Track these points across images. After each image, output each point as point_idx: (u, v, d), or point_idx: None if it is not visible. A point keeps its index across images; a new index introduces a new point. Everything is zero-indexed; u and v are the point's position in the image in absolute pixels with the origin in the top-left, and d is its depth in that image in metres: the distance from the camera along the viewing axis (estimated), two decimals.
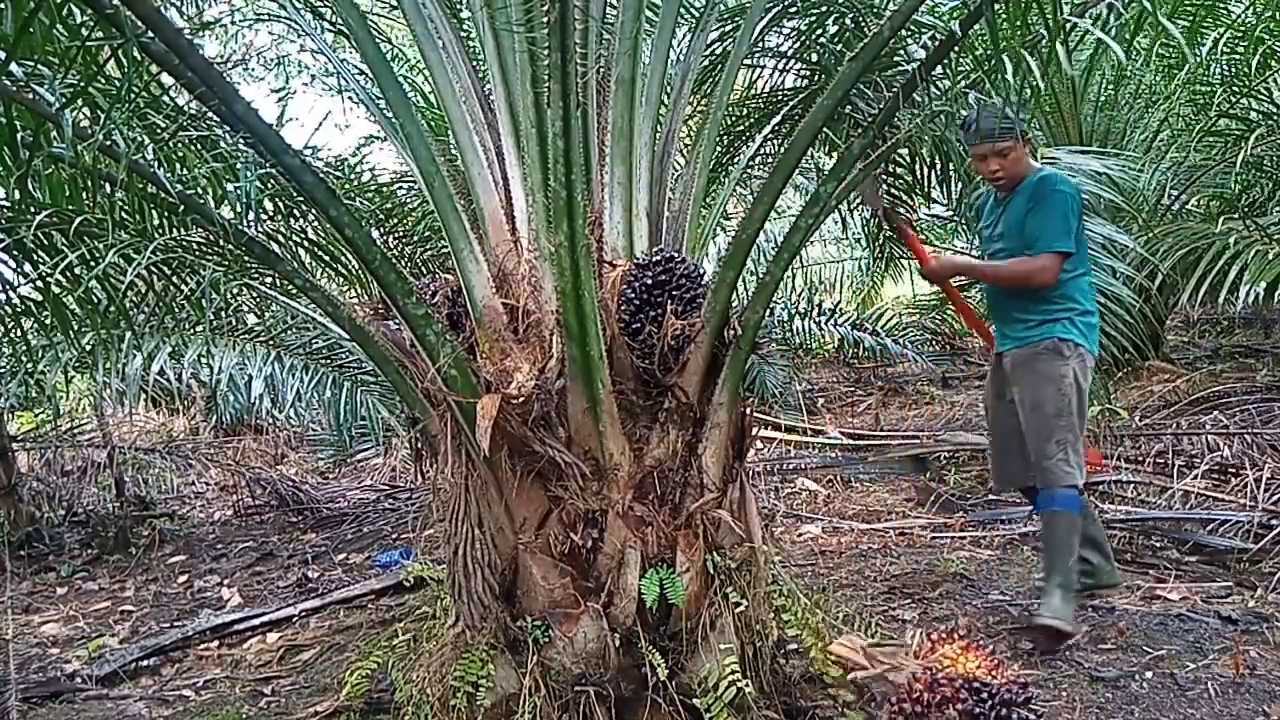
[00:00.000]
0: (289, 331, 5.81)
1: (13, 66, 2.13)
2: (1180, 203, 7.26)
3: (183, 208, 2.56)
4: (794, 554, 4.42)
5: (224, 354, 5.60)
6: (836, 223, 7.99)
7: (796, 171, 3.19)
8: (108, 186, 2.71)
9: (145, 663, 3.82)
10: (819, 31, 4.01)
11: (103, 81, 2.51)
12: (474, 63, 3.07)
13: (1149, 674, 2.81)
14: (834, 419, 7.87)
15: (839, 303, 10.35)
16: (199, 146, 2.68)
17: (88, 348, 4.32)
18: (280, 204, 3.62)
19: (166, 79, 2.53)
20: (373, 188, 5.19)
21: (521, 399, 2.41)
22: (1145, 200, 6.92)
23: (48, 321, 3.08)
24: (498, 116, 2.78)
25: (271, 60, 8.55)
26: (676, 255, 2.59)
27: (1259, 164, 6.40)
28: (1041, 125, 7.36)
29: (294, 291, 2.99)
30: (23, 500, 6.28)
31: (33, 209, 2.54)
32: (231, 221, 2.57)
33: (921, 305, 11.11)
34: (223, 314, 5.24)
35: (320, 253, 3.77)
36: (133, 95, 2.24)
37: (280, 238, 3.60)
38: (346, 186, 4.82)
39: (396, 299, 2.43)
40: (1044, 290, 3.12)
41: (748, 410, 2.75)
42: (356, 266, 3.59)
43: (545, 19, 2.09)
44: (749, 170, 4.68)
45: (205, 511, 7.30)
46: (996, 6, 2.34)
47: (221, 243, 2.76)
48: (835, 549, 4.45)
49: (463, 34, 3.32)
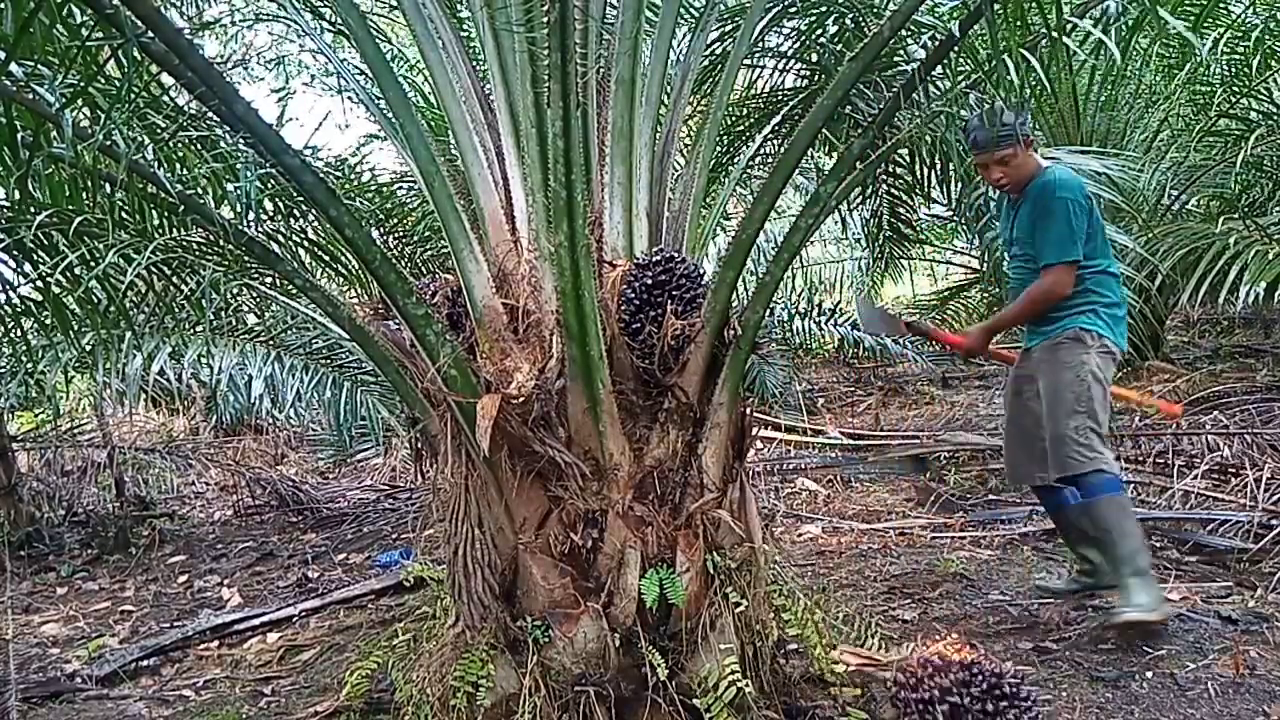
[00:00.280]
0: (289, 331, 5.81)
1: (13, 66, 2.14)
2: (1180, 203, 7.26)
3: (183, 208, 2.56)
4: (794, 554, 4.42)
5: (224, 354, 5.60)
6: (836, 223, 8.01)
7: (796, 171, 3.19)
8: (108, 186, 2.72)
9: (145, 663, 3.82)
10: (819, 31, 4.02)
11: (103, 81, 2.51)
12: (474, 63, 3.07)
13: (1149, 674, 2.81)
14: (834, 419, 7.87)
15: (839, 303, 10.35)
16: (199, 146, 2.68)
17: (88, 348, 4.32)
18: (280, 204, 3.62)
19: (166, 79, 2.53)
20: (373, 188, 5.19)
21: (521, 399, 2.41)
22: (1145, 200, 6.92)
23: (48, 321, 3.09)
24: (498, 116, 2.78)
25: (271, 60, 8.54)
26: (676, 255, 2.58)
27: (1259, 164, 6.41)
28: (1041, 125, 7.35)
29: (294, 291, 2.99)
30: (23, 500, 6.28)
31: (33, 209, 2.54)
32: (231, 221, 2.57)
33: (921, 305, 11.11)
34: (223, 314, 5.24)
35: (320, 253, 3.77)
36: (133, 95, 2.24)
37: (280, 238, 3.60)
38: (346, 186, 4.83)
39: (396, 299, 2.43)
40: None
41: (748, 410, 2.75)
42: (356, 266, 3.59)
43: (545, 19, 2.09)
44: (749, 170, 4.68)
45: (205, 511, 7.30)
46: (996, 7, 2.34)
47: (221, 243, 2.76)
48: (835, 549, 4.45)
49: (463, 34, 3.32)
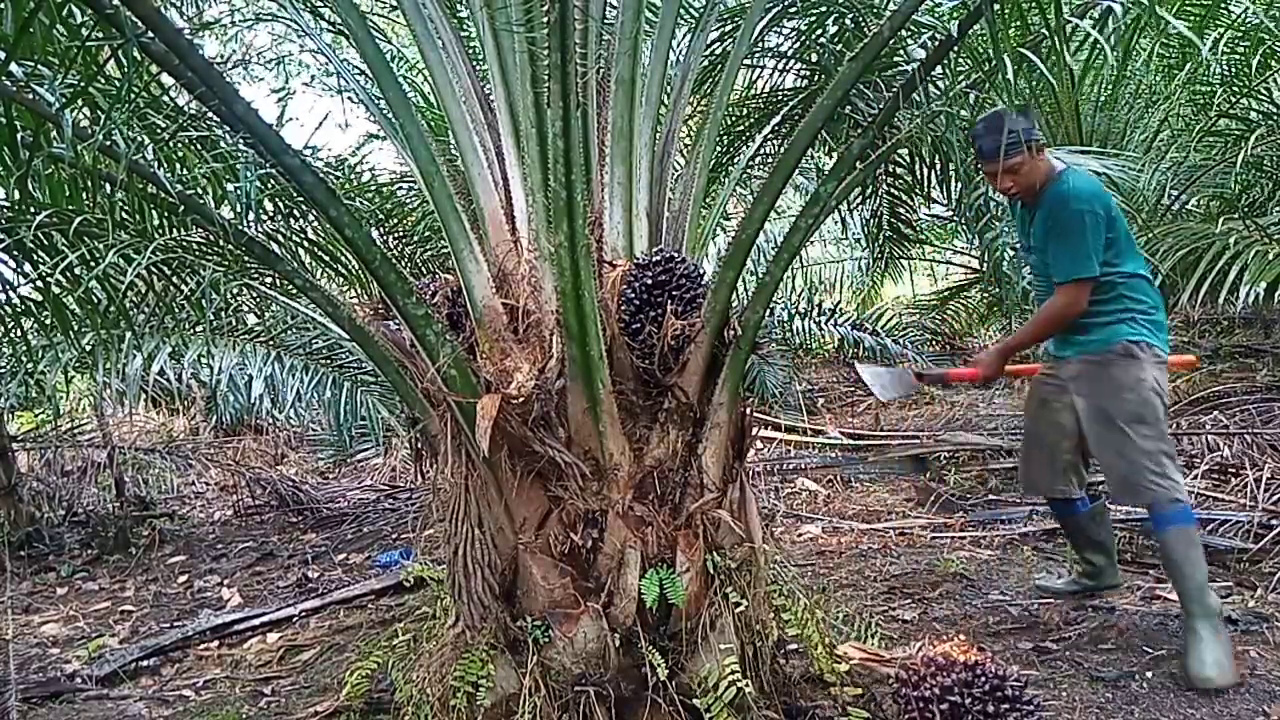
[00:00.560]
0: (289, 331, 5.81)
1: (13, 66, 2.14)
2: (1180, 203, 7.25)
3: (183, 208, 2.56)
4: (794, 554, 4.41)
5: (224, 354, 5.60)
6: (836, 223, 8.01)
7: (796, 171, 3.19)
8: (108, 186, 2.72)
9: (145, 663, 3.82)
10: (819, 31, 4.02)
11: (103, 81, 2.52)
12: (474, 63, 3.07)
13: (1149, 674, 2.81)
14: (834, 419, 7.87)
15: (839, 303, 10.34)
16: (199, 146, 2.68)
17: (88, 348, 4.32)
18: (280, 204, 3.62)
19: (166, 79, 2.53)
20: (373, 188, 5.19)
21: (521, 399, 2.41)
22: (1145, 200, 6.91)
23: (48, 321, 3.09)
24: (498, 116, 2.78)
25: (271, 60, 8.54)
26: (676, 255, 2.58)
27: (1259, 164, 6.39)
28: (1041, 125, 7.35)
29: (294, 291, 2.99)
30: (23, 500, 6.28)
31: (33, 209, 2.54)
32: (231, 221, 2.57)
33: (921, 305, 11.11)
34: (223, 314, 5.24)
35: (320, 253, 3.77)
36: (133, 95, 2.24)
37: (280, 238, 3.60)
38: (346, 186, 4.83)
39: (396, 299, 2.43)
40: (1100, 295, 2.90)
41: (748, 410, 2.75)
42: (356, 266, 3.59)
43: (545, 19, 2.09)
44: (749, 170, 4.68)
45: (205, 511, 7.29)
46: (996, 7, 2.34)
47: (221, 243, 2.76)
48: (835, 549, 4.45)
49: (463, 34, 3.32)
